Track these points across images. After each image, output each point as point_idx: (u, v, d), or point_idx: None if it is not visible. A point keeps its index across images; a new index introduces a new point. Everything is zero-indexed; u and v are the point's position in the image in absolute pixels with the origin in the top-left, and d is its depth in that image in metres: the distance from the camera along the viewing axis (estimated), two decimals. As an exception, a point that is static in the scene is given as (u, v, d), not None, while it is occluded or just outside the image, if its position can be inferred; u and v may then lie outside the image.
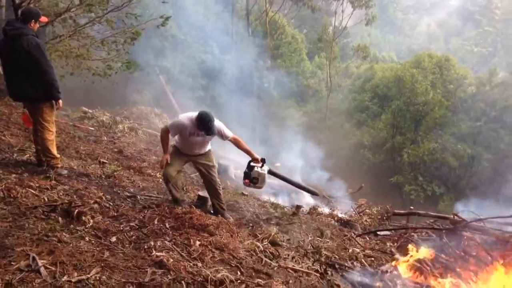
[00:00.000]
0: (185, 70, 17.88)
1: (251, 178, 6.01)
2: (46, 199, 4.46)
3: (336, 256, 6.04)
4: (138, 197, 5.57)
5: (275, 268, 4.68)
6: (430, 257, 6.53)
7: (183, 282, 3.44)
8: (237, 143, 5.74)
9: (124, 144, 10.52)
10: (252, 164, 6.00)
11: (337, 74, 29.14)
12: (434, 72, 24.43)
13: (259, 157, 5.95)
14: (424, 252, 6.66)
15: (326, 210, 10.03)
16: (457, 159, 20.75)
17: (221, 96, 16.38)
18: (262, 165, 5.98)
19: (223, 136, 5.61)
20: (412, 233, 8.00)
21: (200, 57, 18.89)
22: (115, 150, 9.38)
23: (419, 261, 6.74)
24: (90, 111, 14.00)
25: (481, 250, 6.77)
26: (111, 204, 4.91)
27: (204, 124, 5.28)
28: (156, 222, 4.57)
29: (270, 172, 6.21)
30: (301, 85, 26.54)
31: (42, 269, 3.04)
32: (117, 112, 15.38)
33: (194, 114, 5.42)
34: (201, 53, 18.92)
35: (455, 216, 7.50)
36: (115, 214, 4.59)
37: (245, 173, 6.12)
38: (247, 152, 5.87)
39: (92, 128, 11.56)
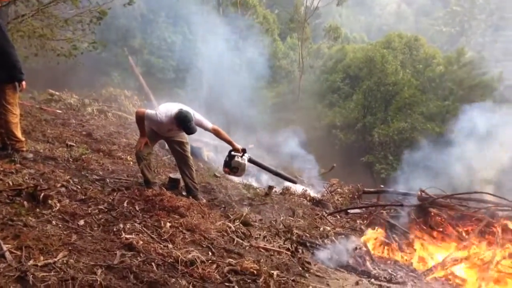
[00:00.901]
0: (155, 51, 17.56)
1: (231, 167, 6.02)
2: (10, 183, 4.35)
3: (307, 235, 6.13)
4: (107, 180, 5.50)
5: (247, 248, 4.72)
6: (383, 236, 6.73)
7: (153, 263, 3.44)
8: (217, 134, 5.72)
9: (93, 127, 10.33)
10: (232, 153, 5.99)
11: (309, 55, 29.15)
12: (404, 52, 24.74)
13: (239, 146, 5.95)
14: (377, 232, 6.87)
15: (299, 190, 10.13)
16: (426, 138, 21.19)
17: (192, 78, 16.17)
18: (243, 155, 5.98)
19: (203, 128, 5.60)
20: (382, 211, 8.18)
21: (171, 38, 18.57)
22: (84, 133, 9.21)
23: (387, 237, 6.92)
24: (57, 93, 13.65)
25: (448, 226, 6.98)
26: (79, 187, 4.83)
27: (183, 125, 5.28)
28: (125, 204, 4.53)
29: (250, 161, 6.23)
30: (273, 66, 26.47)
31: (7, 254, 2.99)
32: (86, 94, 15.03)
33: (173, 110, 5.34)
34: (171, 34, 18.59)
35: (422, 193, 7.68)
36: (83, 197, 4.52)
37: (225, 161, 6.13)
38: (228, 142, 5.86)
39: (60, 111, 11.31)
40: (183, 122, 5.24)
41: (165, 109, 5.37)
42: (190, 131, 5.34)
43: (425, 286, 5.50)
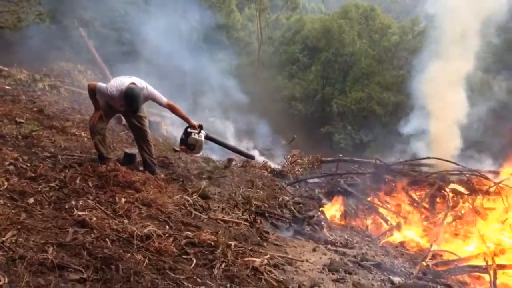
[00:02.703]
0: (107, 22, 16.91)
1: (188, 144, 5.91)
2: (-46, 163, 4.15)
3: (266, 205, 6.21)
4: (59, 157, 5.31)
5: (205, 221, 4.73)
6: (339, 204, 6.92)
7: (107, 239, 3.39)
8: (172, 109, 5.58)
9: (45, 103, 9.93)
10: (189, 130, 5.88)
11: (267, 26, 28.87)
12: (360, 22, 24.88)
13: (196, 123, 5.84)
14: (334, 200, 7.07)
15: (260, 162, 10.19)
16: (382, 108, 21.66)
17: (147, 51, 15.70)
18: (199, 132, 5.88)
19: (157, 102, 5.45)
20: (339, 179, 8.37)
21: (124, 9, 17.93)
22: (35, 109, 8.83)
23: (344, 204, 7.11)
24: (6, 69, 12.99)
25: (401, 191, 7.24)
26: (29, 165, 4.66)
27: (125, 102, 5.07)
28: (78, 181, 4.42)
29: (208, 137, 6.15)
30: (231, 38, 26.10)
31: (-49, 235, 2.87)
32: (36, 69, 14.36)
33: (124, 84, 5.12)
34: (124, 4, 17.94)
35: (377, 161, 7.89)
36: (33, 175, 4.37)
37: (181, 139, 6.01)
38: (184, 118, 5.73)
39: (9, 87, 10.80)
40: (127, 99, 5.04)
41: (116, 83, 5.17)
42: (131, 109, 5.17)
43: (379, 249, 5.71)
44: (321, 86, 24.08)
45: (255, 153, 10.97)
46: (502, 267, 5.16)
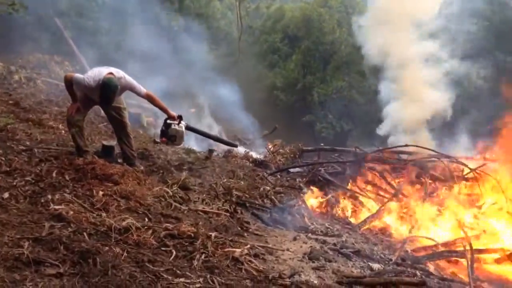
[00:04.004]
0: (84, 12, 16.57)
1: (169, 136, 5.84)
2: None
3: (247, 195, 6.21)
4: (35, 150, 5.22)
5: (185, 212, 4.72)
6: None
7: (84, 233, 3.36)
8: (151, 100, 5.51)
9: (21, 95, 9.75)
10: (168, 121, 5.82)
11: (247, 15, 28.66)
12: (340, 10, 24.90)
13: (175, 113, 5.78)
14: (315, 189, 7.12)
15: (241, 152, 10.18)
16: (363, 96, 21.79)
17: (126, 42, 15.47)
18: (179, 122, 5.81)
19: (135, 93, 5.37)
20: (320, 168, 8.42)
21: (101, -2, 17.63)
22: (11, 102, 8.65)
23: (325, 193, 7.16)
24: (-20, 61, 12.70)
25: (380, 178, 7.33)
26: (3, 159, 4.56)
27: (101, 92, 4.97)
28: (54, 175, 4.35)
29: (188, 128, 6.10)
30: (212, 27, 25.84)
31: None
32: (12, 61, 14.05)
33: (102, 74, 5.02)
34: (102, -6, 17.64)
35: (357, 149, 7.96)
36: (8, 169, 4.30)
37: (161, 131, 5.93)
38: (163, 109, 5.66)
39: (-17, 80, 10.57)
40: (103, 89, 4.94)
41: (93, 73, 5.08)
42: (106, 101, 5.07)
43: (359, 236, 5.78)
44: (302, 75, 24.06)
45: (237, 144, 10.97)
46: (479, 251, 5.28)
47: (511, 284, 5.08)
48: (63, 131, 7.02)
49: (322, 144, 11.99)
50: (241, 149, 10.99)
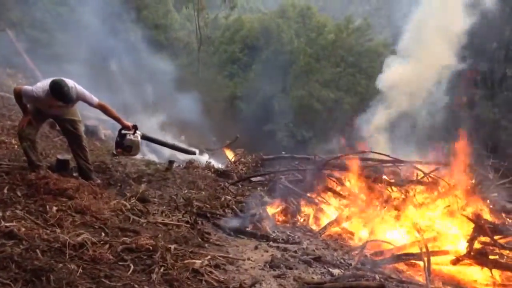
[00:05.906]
0: (38, 24, 16.18)
1: (124, 146, 5.74)
2: None
3: (208, 206, 6.17)
4: (-15, 167, 5.04)
5: (144, 225, 4.65)
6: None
7: (37, 250, 3.25)
8: (104, 110, 5.41)
9: (-30, 110, 9.40)
10: (123, 132, 5.71)
11: (206, 26, 28.71)
12: (298, 21, 25.39)
13: (129, 123, 5.69)
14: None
15: (203, 162, 10.13)
16: (322, 104, 22.19)
17: (81, 53, 15.17)
18: (135, 132, 5.72)
19: (87, 103, 5.27)
20: (281, 176, 8.46)
21: (56, 10, 17.23)
22: (-41, 118, 8.34)
23: (286, 201, 7.21)
24: None
25: (339, 185, 7.45)
26: (-50, 177, 4.38)
27: (59, 94, 4.85)
28: (5, 191, 4.21)
29: (144, 137, 6.01)
30: (170, 38, 25.77)
31: None
32: (-40, 75, 13.55)
33: (49, 83, 4.94)
34: (56, 6, 17.24)
35: (316, 157, 8.07)
36: (-46, 187, 4.12)
37: (116, 142, 5.83)
38: (116, 119, 5.57)
39: None
40: (57, 91, 4.83)
41: (42, 84, 5.01)
42: (68, 98, 4.93)
43: (320, 243, 5.84)
44: (262, 84, 24.32)
45: (198, 153, 10.92)
46: (435, 253, 5.45)
47: (465, 285, 5.25)
48: (15, 146, 6.82)
49: (283, 153, 12.06)
50: (203, 159, 10.95)
